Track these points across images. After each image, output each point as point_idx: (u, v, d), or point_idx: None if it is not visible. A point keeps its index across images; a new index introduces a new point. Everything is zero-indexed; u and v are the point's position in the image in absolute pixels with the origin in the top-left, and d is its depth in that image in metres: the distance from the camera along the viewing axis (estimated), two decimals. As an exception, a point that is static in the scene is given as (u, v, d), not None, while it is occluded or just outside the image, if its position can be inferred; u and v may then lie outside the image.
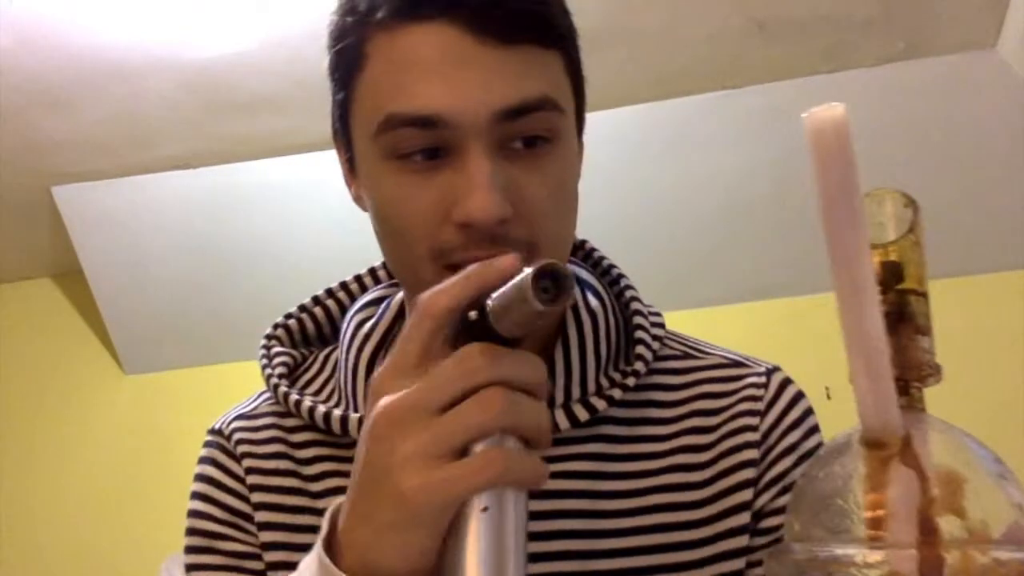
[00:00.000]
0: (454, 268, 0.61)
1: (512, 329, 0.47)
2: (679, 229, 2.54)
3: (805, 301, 2.60)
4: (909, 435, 0.35)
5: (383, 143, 0.63)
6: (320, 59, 0.74)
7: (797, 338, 2.50)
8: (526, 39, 0.62)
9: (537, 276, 0.45)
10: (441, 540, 0.46)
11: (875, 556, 0.33)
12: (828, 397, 1.71)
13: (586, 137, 0.72)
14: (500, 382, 0.46)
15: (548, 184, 0.64)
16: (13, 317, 3.05)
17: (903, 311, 0.37)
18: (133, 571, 2.65)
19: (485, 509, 0.45)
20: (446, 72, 0.61)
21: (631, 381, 0.71)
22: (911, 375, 0.38)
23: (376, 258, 0.76)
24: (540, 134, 0.63)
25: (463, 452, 0.46)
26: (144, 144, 2.46)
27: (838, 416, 0.52)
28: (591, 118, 0.72)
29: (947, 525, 0.33)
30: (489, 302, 0.48)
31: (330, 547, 0.50)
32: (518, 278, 0.46)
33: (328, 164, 2.92)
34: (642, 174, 2.46)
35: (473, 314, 0.48)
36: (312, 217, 2.63)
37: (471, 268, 0.50)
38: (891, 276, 0.37)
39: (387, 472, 0.46)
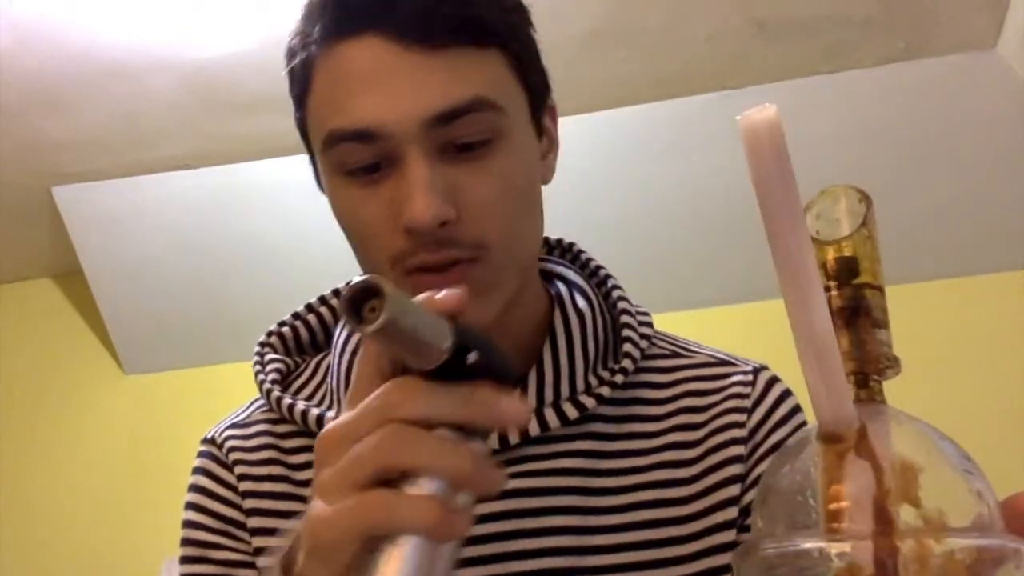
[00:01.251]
0: (411, 272, 0.64)
1: (414, 362, 0.44)
2: (679, 229, 2.54)
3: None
4: (864, 427, 0.35)
5: (330, 159, 0.66)
6: None
7: (797, 338, 2.50)
8: (454, 42, 0.63)
9: (348, 302, 0.41)
10: None
11: (835, 548, 0.33)
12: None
13: (586, 138, 0.72)
14: (416, 419, 0.44)
15: (494, 184, 0.64)
16: (13, 317, 3.05)
17: (859, 305, 0.37)
18: (133, 571, 2.65)
19: (391, 557, 0.42)
20: (377, 84, 0.62)
21: (619, 379, 0.72)
22: (870, 368, 0.38)
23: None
24: (477, 137, 0.64)
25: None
26: (144, 144, 2.46)
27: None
28: (591, 118, 0.72)
29: (904, 515, 0.34)
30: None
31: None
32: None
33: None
34: (642, 174, 2.46)
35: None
36: (312, 217, 2.62)
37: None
38: (846, 271, 0.38)
39: (312, 499, 0.46)
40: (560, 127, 0.75)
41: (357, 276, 0.42)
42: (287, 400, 0.74)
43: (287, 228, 2.66)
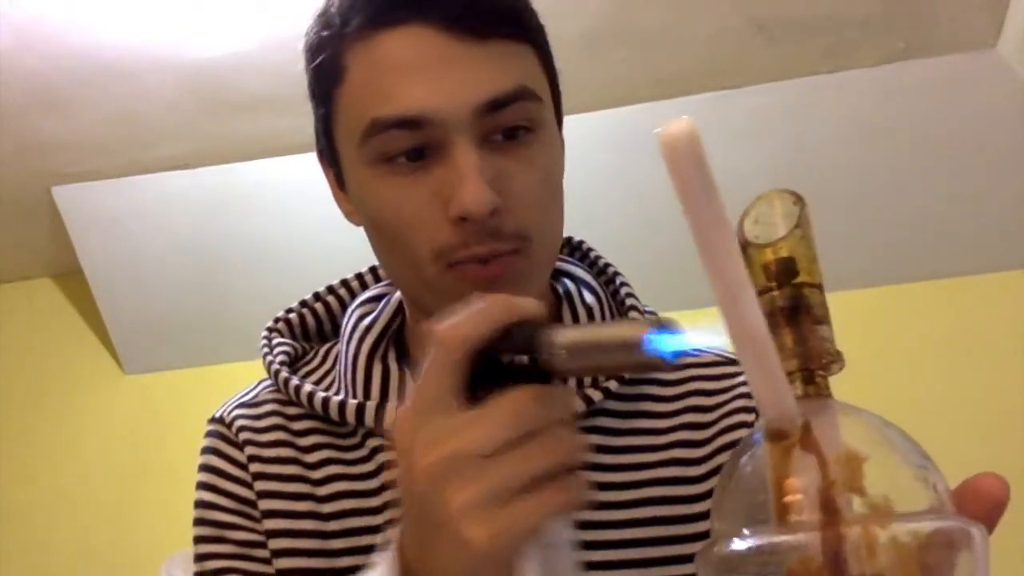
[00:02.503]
0: (455, 266, 0.63)
1: (576, 372, 0.47)
2: (679, 229, 2.54)
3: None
4: (808, 422, 0.36)
5: (369, 149, 0.64)
6: None
7: (797, 338, 2.50)
8: (499, 34, 0.64)
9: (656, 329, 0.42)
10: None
11: (787, 542, 0.34)
12: (828, 397, 1.71)
13: (585, 138, 0.73)
14: (552, 426, 0.46)
15: (535, 174, 0.65)
16: (13, 317, 3.05)
17: (799, 304, 0.38)
18: (133, 571, 2.65)
19: (552, 544, 0.46)
20: (425, 72, 0.63)
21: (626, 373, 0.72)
22: (814, 364, 0.38)
23: (373, 257, 0.77)
24: (522, 124, 0.65)
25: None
26: (144, 144, 2.46)
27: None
28: (591, 118, 0.73)
29: (855, 504, 0.35)
30: (558, 339, 0.45)
31: None
32: (619, 326, 0.44)
33: (328, 164, 2.83)
34: (642, 174, 2.45)
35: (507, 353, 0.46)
36: (312, 217, 2.63)
37: (490, 300, 0.48)
38: (785, 272, 0.38)
39: (447, 524, 0.44)
40: (560, 126, 0.75)
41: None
42: (295, 381, 0.74)
43: (287, 228, 2.66)
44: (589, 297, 0.75)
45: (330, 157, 0.71)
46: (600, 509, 0.69)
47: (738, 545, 0.35)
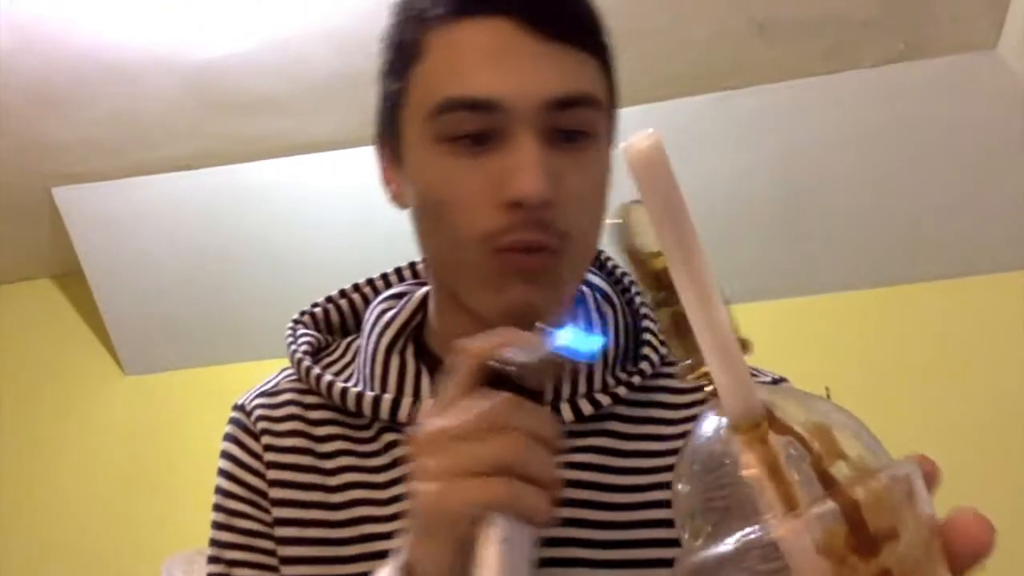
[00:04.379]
0: (499, 252, 0.66)
1: (533, 383, 0.55)
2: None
3: (804, 301, 2.60)
4: (770, 408, 0.37)
5: (437, 126, 0.67)
6: (320, 59, 0.76)
7: (796, 339, 2.50)
8: (574, 40, 0.68)
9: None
10: (457, 554, 0.52)
11: (787, 527, 0.34)
12: (828, 397, 1.71)
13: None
14: (520, 429, 0.53)
15: (587, 179, 0.68)
16: (13, 318, 3.05)
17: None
18: (133, 571, 2.65)
19: (506, 539, 0.51)
20: (501, 61, 0.66)
21: (636, 380, 0.74)
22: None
23: (374, 257, 0.77)
24: (582, 128, 0.67)
25: None
26: (144, 145, 2.46)
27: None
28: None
29: (837, 472, 0.36)
30: (519, 358, 0.55)
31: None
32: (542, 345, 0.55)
33: (328, 164, 2.91)
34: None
35: (512, 368, 0.55)
36: (312, 217, 2.63)
37: (502, 331, 0.57)
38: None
39: (417, 487, 0.54)
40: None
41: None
42: (316, 371, 0.76)
43: (287, 228, 2.66)
44: (604, 305, 0.77)
45: (391, 135, 0.73)
46: (607, 510, 0.70)
47: (730, 545, 0.35)
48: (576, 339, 0.55)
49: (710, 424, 0.39)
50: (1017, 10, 2.10)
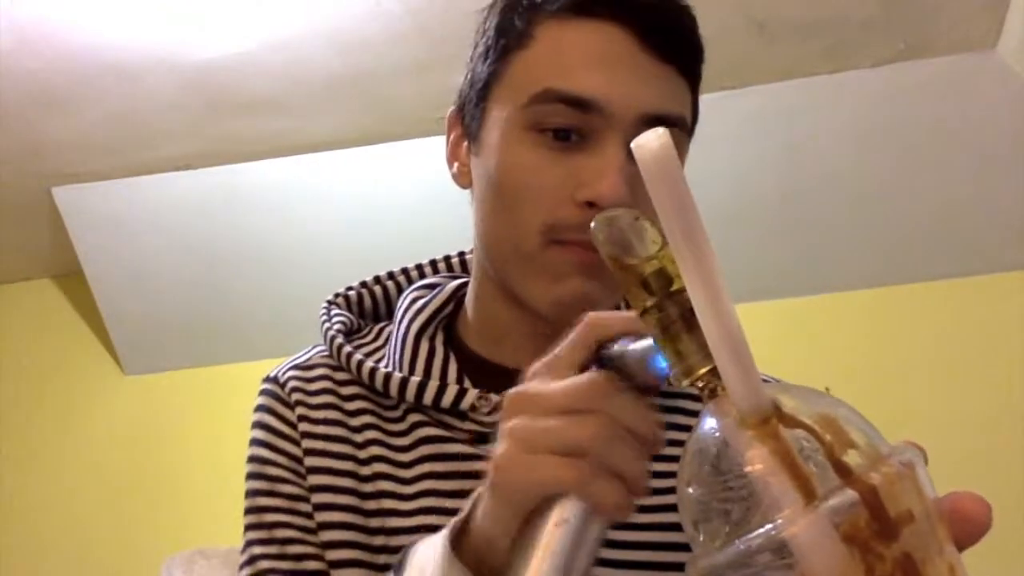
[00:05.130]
0: (561, 244, 0.68)
1: (640, 379, 0.51)
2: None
3: (804, 301, 2.60)
4: (777, 402, 0.38)
5: (530, 114, 0.69)
6: (320, 59, 0.76)
7: (796, 338, 2.50)
8: (679, 63, 0.71)
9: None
10: (518, 521, 0.50)
11: (809, 519, 0.34)
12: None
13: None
14: (612, 417, 0.49)
15: None
16: (13, 318, 3.05)
17: (687, 308, 0.39)
18: (133, 571, 2.65)
19: (565, 520, 0.49)
20: (608, 66, 0.68)
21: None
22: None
23: (374, 257, 0.78)
24: None
25: None
26: (144, 145, 2.46)
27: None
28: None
29: (850, 460, 0.36)
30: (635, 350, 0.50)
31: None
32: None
33: (328, 164, 2.90)
34: (642, 174, 2.46)
35: (625, 356, 0.51)
36: (312, 217, 2.63)
37: (627, 317, 0.53)
38: (661, 283, 0.41)
39: (497, 446, 0.52)
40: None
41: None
42: (347, 348, 0.78)
43: (287, 228, 2.66)
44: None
45: (472, 114, 0.74)
46: None
47: (742, 545, 0.35)
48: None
49: (712, 424, 0.39)
50: (1017, 10, 2.10)
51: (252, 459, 0.77)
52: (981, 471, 2.16)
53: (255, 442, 0.78)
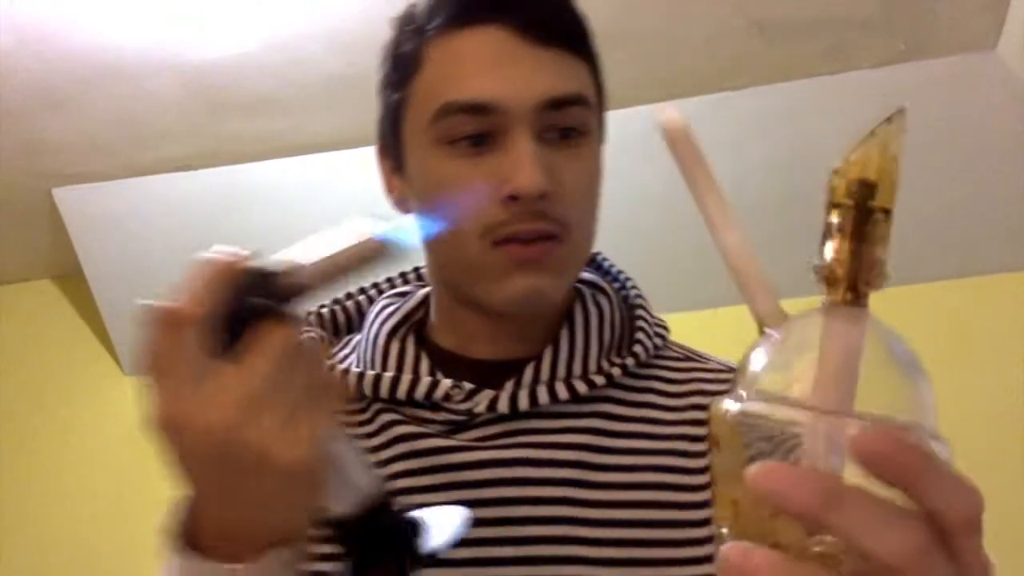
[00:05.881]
0: (500, 245, 0.70)
1: (320, 283, 0.54)
2: (679, 230, 2.54)
3: (805, 302, 2.60)
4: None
5: (436, 130, 0.71)
6: (320, 60, 0.78)
7: (797, 339, 2.50)
8: (564, 45, 0.73)
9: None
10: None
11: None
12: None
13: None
14: (298, 347, 0.51)
15: (583, 172, 0.73)
16: (13, 318, 3.05)
17: (865, 223, 0.45)
18: (133, 571, 2.65)
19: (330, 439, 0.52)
20: (496, 67, 0.71)
21: (631, 362, 0.77)
22: (862, 277, 0.45)
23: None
24: (575, 126, 0.72)
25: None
26: (145, 145, 2.46)
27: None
28: (590, 119, 0.75)
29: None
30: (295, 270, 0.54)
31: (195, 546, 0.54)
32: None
33: (328, 165, 2.90)
34: (641, 176, 2.46)
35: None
36: (312, 217, 2.63)
37: (208, 269, 0.56)
38: (863, 192, 0.45)
39: (266, 456, 0.49)
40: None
41: None
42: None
43: (287, 229, 2.65)
44: (601, 299, 0.80)
45: (392, 143, 0.78)
46: (598, 488, 0.72)
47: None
48: (402, 228, 0.52)
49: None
50: (1017, 10, 2.10)
51: None
52: (981, 471, 2.16)
53: None
